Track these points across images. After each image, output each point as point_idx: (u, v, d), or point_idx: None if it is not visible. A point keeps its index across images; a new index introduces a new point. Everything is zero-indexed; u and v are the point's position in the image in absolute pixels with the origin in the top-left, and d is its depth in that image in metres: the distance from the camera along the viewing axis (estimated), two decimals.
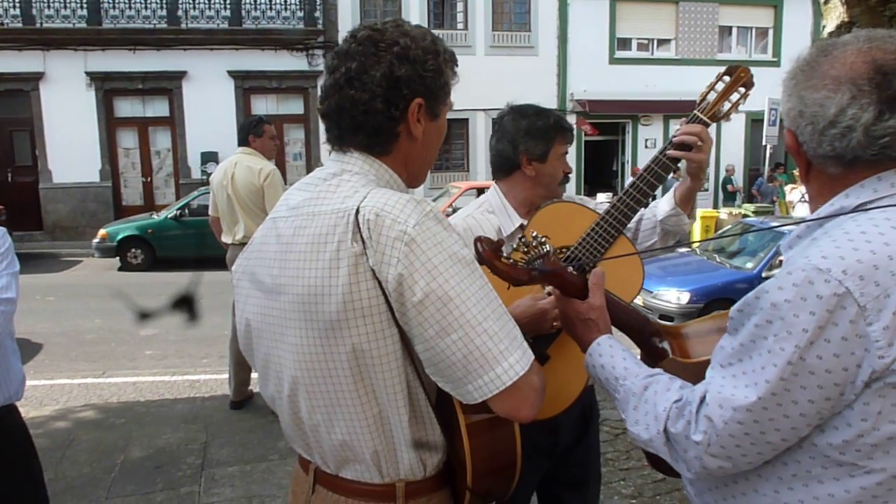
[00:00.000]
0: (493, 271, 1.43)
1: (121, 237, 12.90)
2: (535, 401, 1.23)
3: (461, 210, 2.26)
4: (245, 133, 5.02)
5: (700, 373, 1.21)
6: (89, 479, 4.02)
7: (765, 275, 7.87)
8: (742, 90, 1.96)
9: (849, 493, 1.07)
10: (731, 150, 20.38)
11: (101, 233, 13.09)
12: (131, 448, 4.46)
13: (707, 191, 19.89)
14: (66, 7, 16.25)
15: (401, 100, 1.30)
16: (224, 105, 17.05)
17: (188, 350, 7.07)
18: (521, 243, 1.54)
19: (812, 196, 1.25)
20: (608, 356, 1.38)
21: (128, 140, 17.46)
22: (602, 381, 1.40)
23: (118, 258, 12.92)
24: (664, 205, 2.12)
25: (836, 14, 4.29)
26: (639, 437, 1.25)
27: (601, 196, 15.35)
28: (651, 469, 3.99)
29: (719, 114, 1.96)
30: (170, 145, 17.55)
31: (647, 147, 19.53)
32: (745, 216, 12.81)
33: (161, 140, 17.61)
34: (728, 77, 1.96)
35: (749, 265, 8.45)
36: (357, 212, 1.21)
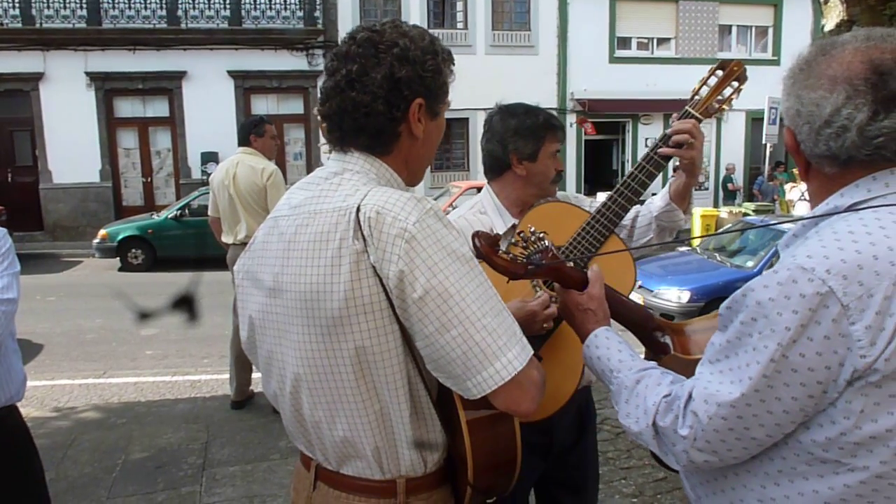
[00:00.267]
0: (491, 266, 1.44)
1: (121, 237, 12.89)
2: (536, 395, 1.25)
3: (454, 211, 2.26)
4: (246, 133, 5.02)
5: None
6: (90, 479, 4.02)
7: (765, 272, 7.84)
8: (735, 84, 1.95)
9: (833, 490, 1.08)
10: (732, 148, 20.40)
11: (102, 233, 13.08)
12: (132, 448, 4.47)
13: (707, 189, 19.90)
14: (65, 7, 16.25)
15: (402, 100, 1.32)
16: (224, 105, 17.05)
17: (189, 350, 7.07)
18: (519, 238, 1.55)
19: (811, 195, 1.27)
20: (604, 348, 1.41)
21: (128, 140, 17.46)
22: (598, 372, 1.43)
23: (118, 258, 12.92)
24: (658, 200, 2.11)
25: (835, 13, 4.29)
26: (629, 429, 1.28)
27: (601, 195, 15.33)
28: (652, 468, 4.00)
29: (712, 109, 1.95)
30: (170, 145, 17.55)
31: (646, 146, 19.36)
32: (745, 215, 12.82)
33: (161, 140, 17.61)
34: (721, 71, 1.95)
35: (749, 264, 8.46)
36: (358, 210, 1.23)
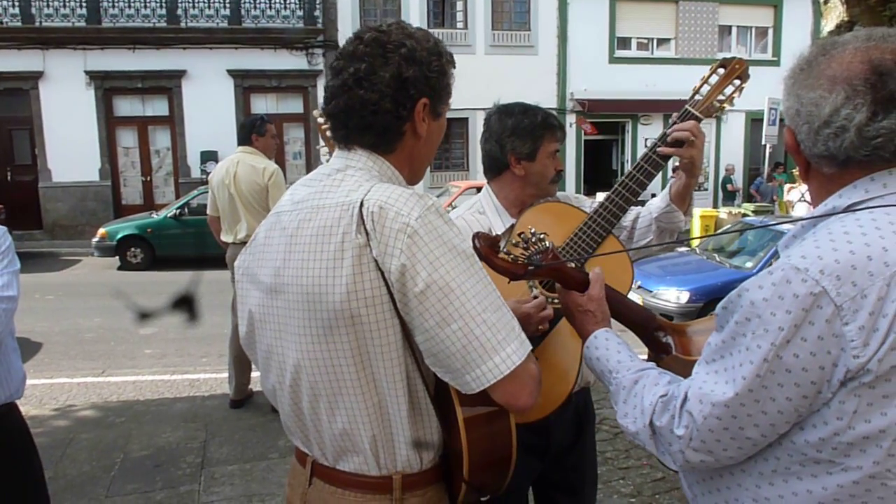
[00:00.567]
0: (491, 267, 1.44)
1: (120, 236, 12.88)
2: (534, 389, 1.28)
3: (453, 211, 2.25)
4: (248, 132, 5.02)
5: None
6: (89, 478, 4.02)
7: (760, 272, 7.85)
8: (737, 82, 1.94)
9: (826, 490, 1.08)
10: (731, 149, 20.40)
11: (101, 232, 13.07)
12: (131, 446, 4.47)
13: (707, 190, 19.91)
14: (65, 6, 16.24)
15: (408, 100, 1.35)
16: (224, 104, 17.05)
17: (188, 349, 7.07)
18: (519, 239, 1.55)
19: (812, 195, 1.27)
20: (603, 349, 1.42)
21: (127, 139, 17.46)
22: (598, 373, 1.44)
23: (117, 257, 12.91)
24: (658, 201, 2.09)
25: (835, 14, 4.30)
26: (627, 429, 1.29)
27: (601, 196, 15.33)
28: (650, 468, 4.01)
29: (713, 108, 1.94)
30: (169, 144, 17.54)
31: (646, 146, 19.39)
32: (744, 215, 12.82)
33: (160, 139, 17.61)
34: (722, 69, 1.94)
35: (748, 265, 8.46)
36: (361, 205, 1.25)
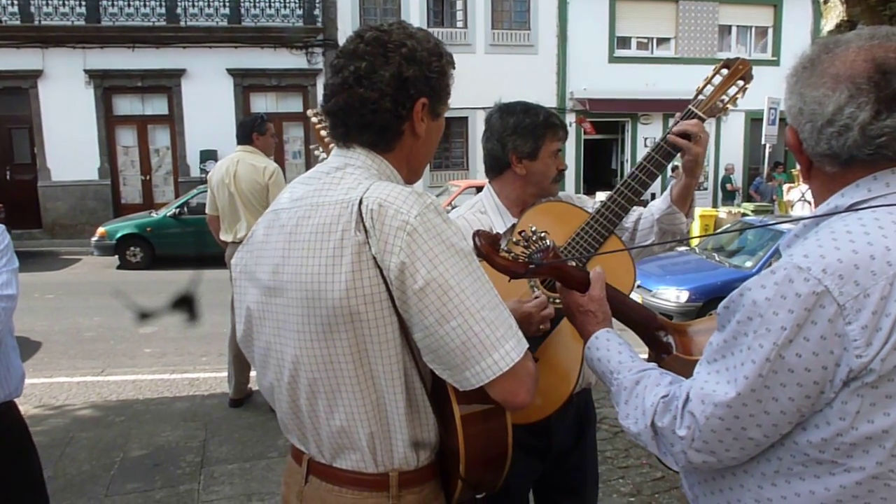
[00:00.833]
0: (492, 265, 1.44)
1: (119, 235, 12.88)
2: (531, 387, 1.28)
3: (454, 210, 2.24)
4: (248, 131, 5.02)
5: None
6: (88, 477, 4.02)
7: (762, 272, 7.85)
8: (741, 83, 1.94)
9: (829, 490, 1.08)
10: (731, 149, 20.40)
11: (100, 231, 13.06)
12: (130, 446, 4.46)
13: (706, 190, 19.91)
14: (64, 5, 16.23)
15: (408, 99, 1.35)
16: (223, 103, 17.04)
17: (188, 348, 7.07)
18: (520, 237, 1.55)
19: (814, 194, 1.26)
20: (604, 349, 1.41)
21: (127, 138, 17.45)
22: (599, 374, 1.44)
23: (117, 256, 12.90)
24: (660, 203, 2.09)
25: (835, 13, 4.29)
26: (628, 429, 1.28)
27: (601, 195, 15.35)
28: (650, 467, 4.01)
29: (716, 108, 1.94)
30: (169, 143, 17.54)
31: (646, 146, 19.50)
32: (744, 215, 12.82)
33: (160, 138, 17.60)
34: (726, 70, 1.94)
35: (748, 264, 8.46)
36: (360, 202, 1.25)
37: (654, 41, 20.26)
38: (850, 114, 1.10)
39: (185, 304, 1.54)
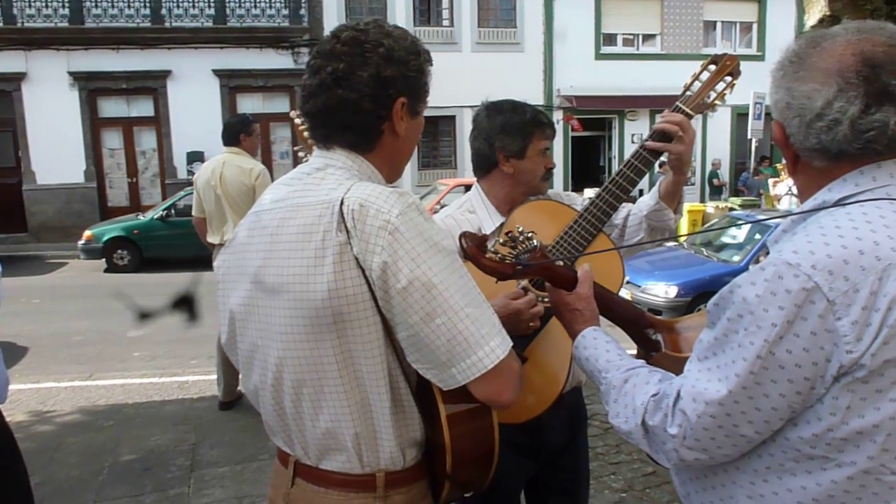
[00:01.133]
0: (479, 267, 1.44)
1: (107, 238, 12.80)
2: (516, 385, 1.28)
3: (443, 210, 2.23)
4: (236, 132, 4.99)
5: None
6: (77, 482, 3.99)
7: (751, 267, 7.90)
8: (728, 79, 1.93)
9: (820, 486, 1.08)
10: (718, 144, 20.51)
11: (87, 234, 12.98)
12: (120, 450, 4.43)
13: (694, 185, 20.00)
14: (47, 6, 16.09)
15: (387, 99, 1.35)
16: (210, 104, 16.95)
17: (177, 351, 7.03)
18: (507, 238, 1.54)
19: (800, 189, 1.26)
20: (592, 348, 1.41)
21: (112, 140, 17.33)
22: (588, 373, 1.43)
23: (104, 259, 12.81)
24: (648, 199, 2.08)
25: (818, 8, 4.31)
26: (619, 429, 1.28)
27: (589, 192, 15.38)
28: (641, 463, 4.02)
29: (704, 105, 1.93)
30: (155, 145, 17.43)
31: (633, 142, 19.58)
32: (731, 209, 12.88)
33: (146, 140, 17.50)
34: (714, 66, 1.93)
35: (736, 258, 8.50)
36: (342, 203, 1.25)
37: (640, 38, 20.33)
38: (840, 108, 1.10)
39: (186, 304, 1.54)
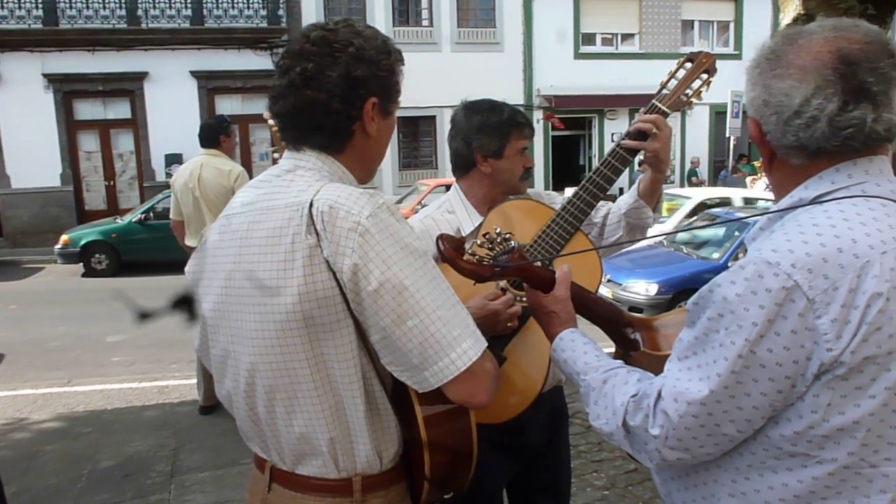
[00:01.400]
0: (457, 270, 1.43)
1: (84, 242, 12.64)
2: (490, 386, 1.27)
3: (422, 210, 2.23)
4: (216, 133, 4.96)
5: None
6: (55, 491, 3.93)
7: (730, 264, 7.97)
8: (705, 76, 1.94)
9: (801, 482, 1.09)
10: (696, 142, 20.70)
11: (64, 238, 12.81)
12: (99, 457, 4.38)
13: (673, 183, 20.15)
14: (20, 7, 15.86)
15: (357, 99, 1.33)
16: (188, 106, 16.80)
17: (158, 355, 6.95)
18: (484, 240, 1.54)
19: (774, 187, 1.26)
20: (570, 351, 1.40)
21: (89, 143, 17.13)
22: (567, 375, 1.43)
23: (82, 264, 12.66)
24: (627, 197, 2.09)
25: (792, 7, 4.35)
26: (600, 430, 1.27)
27: (569, 191, 15.40)
28: (623, 460, 4.03)
29: (680, 102, 1.93)
30: (133, 148, 17.26)
31: (612, 141, 19.57)
32: (709, 207, 12.97)
33: (123, 142, 17.31)
34: (690, 63, 1.94)
35: (715, 255, 8.57)
36: (311, 205, 1.23)
37: (619, 37, 20.47)
38: (818, 105, 1.10)
39: (185, 304, 1.52)
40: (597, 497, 3.69)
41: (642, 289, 8.14)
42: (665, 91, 1.94)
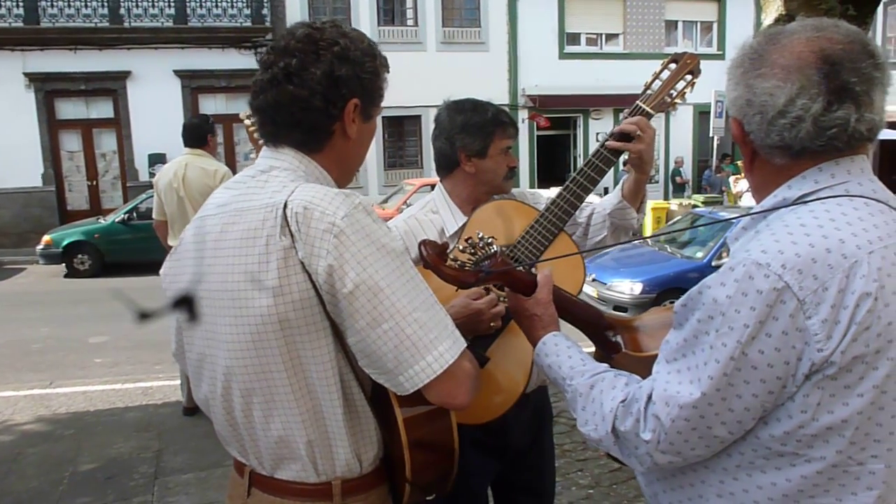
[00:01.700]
0: (440, 277, 1.41)
1: (66, 243, 12.50)
2: (470, 387, 1.26)
3: (406, 210, 2.21)
4: (202, 132, 4.92)
5: (651, 367, 1.21)
6: (36, 494, 3.89)
7: (714, 263, 8.04)
8: (689, 77, 1.94)
9: (790, 481, 1.09)
10: (680, 142, 20.82)
11: (46, 239, 12.67)
12: (81, 459, 4.33)
13: (657, 183, 20.27)
14: (0, 6, 15.67)
15: (339, 98, 1.32)
16: (171, 105, 16.68)
17: (141, 356, 6.89)
18: (467, 244, 1.53)
19: (755, 187, 1.26)
20: (553, 355, 1.38)
21: (71, 143, 16.96)
22: (552, 380, 1.40)
23: (64, 265, 12.52)
24: (612, 198, 2.09)
25: (774, 7, 4.38)
26: (589, 437, 1.26)
27: (555, 190, 15.44)
28: (607, 459, 4.04)
29: (664, 103, 1.94)
30: (115, 147, 17.11)
31: (597, 140, 19.73)
32: (694, 206, 13.07)
33: (106, 142, 17.15)
34: (674, 64, 1.94)
35: (699, 254, 8.63)
36: (285, 206, 1.21)
37: (603, 37, 20.54)
38: (803, 105, 1.09)
39: (185, 304, 1.50)
40: (581, 496, 3.70)
41: (627, 288, 8.18)
42: (649, 92, 1.94)
